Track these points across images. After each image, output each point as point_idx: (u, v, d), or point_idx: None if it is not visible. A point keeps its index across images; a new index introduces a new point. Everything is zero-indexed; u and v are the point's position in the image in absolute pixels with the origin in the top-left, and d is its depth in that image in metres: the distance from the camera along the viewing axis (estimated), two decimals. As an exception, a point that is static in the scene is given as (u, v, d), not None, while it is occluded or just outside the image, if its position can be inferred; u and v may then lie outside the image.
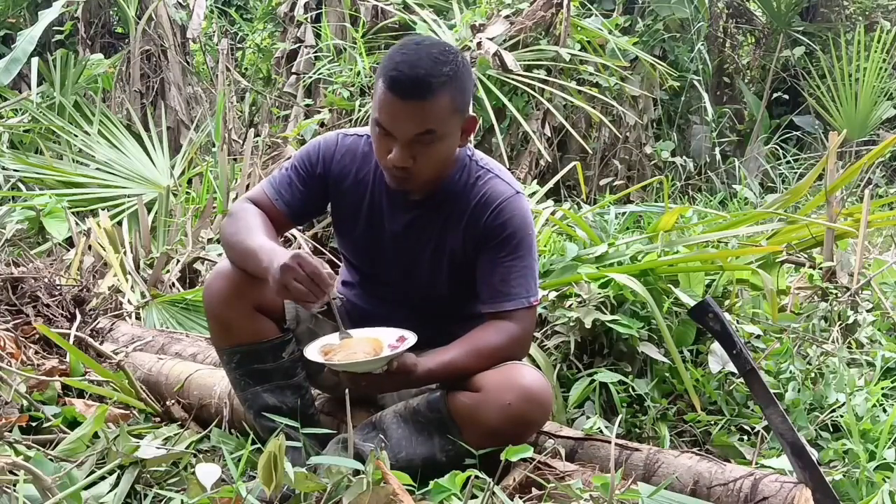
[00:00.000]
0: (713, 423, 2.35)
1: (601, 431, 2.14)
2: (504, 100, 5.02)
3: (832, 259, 3.16)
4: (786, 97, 7.38)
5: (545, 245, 2.99)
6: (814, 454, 1.97)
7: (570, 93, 5.41)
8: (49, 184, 4.51)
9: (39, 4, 6.23)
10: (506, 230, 1.94)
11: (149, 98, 5.89)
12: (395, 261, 2.04)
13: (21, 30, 5.80)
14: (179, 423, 2.31)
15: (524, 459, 1.79)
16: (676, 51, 6.77)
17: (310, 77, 5.60)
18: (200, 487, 1.60)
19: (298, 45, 5.86)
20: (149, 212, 4.12)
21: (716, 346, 2.42)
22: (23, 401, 2.19)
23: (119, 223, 4.14)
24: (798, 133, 7.24)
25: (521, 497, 1.77)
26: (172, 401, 2.37)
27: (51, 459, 1.85)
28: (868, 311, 2.96)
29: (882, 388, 2.42)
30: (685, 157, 6.45)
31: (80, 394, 2.46)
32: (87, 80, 5.43)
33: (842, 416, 2.26)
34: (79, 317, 2.96)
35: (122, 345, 2.81)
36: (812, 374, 2.54)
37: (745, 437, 2.33)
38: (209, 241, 3.83)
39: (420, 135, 1.82)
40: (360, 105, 5.04)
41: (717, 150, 6.60)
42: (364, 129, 2.06)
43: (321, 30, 5.74)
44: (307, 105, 5.63)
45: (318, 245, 4.09)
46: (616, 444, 1.90)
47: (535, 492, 1.79)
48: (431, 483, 1.73)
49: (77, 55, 5.67)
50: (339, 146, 2.04)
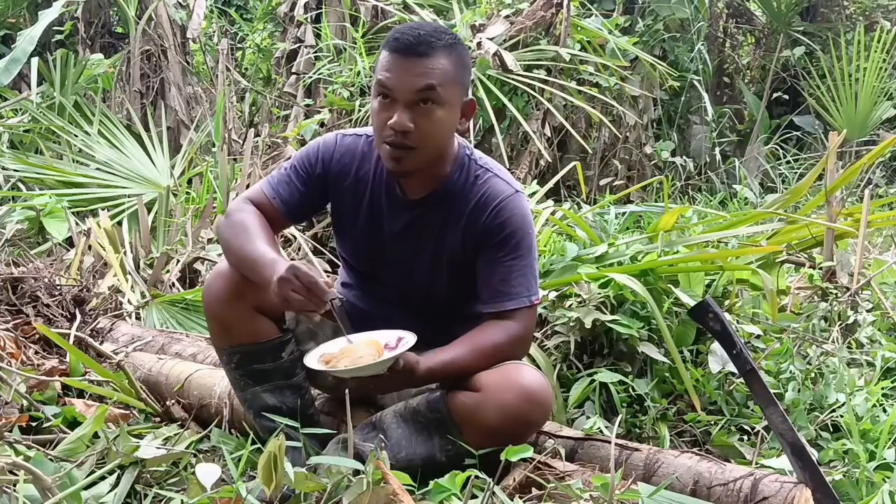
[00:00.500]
0: (713, 423, 2.35)
1: (601, 431, 2.14)
2: (504, 100, 5.03)
3: (832, 259, 3.16)
4: (786, 97, 7.38)
5: (545, 245, 2.99)
6: (814, 454, 1.97)
7: (570, 93, 5.41)
8: (49, 184, 4.50)
9: (39, 4, 6.22)
10: (505, 229, 1.94)
11: (149, 98, 5.89)
12: (395, 261, 2.04)
13: (21, 30, 5.80)
14: (179, 423, 2.31)
15: (524, 459, 1.78)
16: (676, 51, 6.77)
17: (310, 77, 5.60)
18: (200, 487, 1.60)
19: (298, 45, 5.86)
20: (149, 212, 4.12)
21: (716, 346, 2.42)
22: (23, 401, 2.19)
23: (119, 223, 4.14)
24: (798, 133, 7.24)
25: (521, 497, 1.77)
26: (172, 401, 2.37)
27: (51, 459, 1.85)
28: (868, 311, 2.96)
29: (882, 388, 2.42)
30: (685, 157, 6.45)
31: (80, 394, 2.46)
32: (87, 80, 5.43)
33: (842, 416, 2.26)
34: (79, 317, 2.96)
35: (122, 345, 2.81)
36: (812, 374, 2.54)
37: (745, 437, 2.33)
38: (209, 241, 3.82)
39: (421, 91, 1.83)
40: (360, 105, 5.04)
41: (717, 150, 6.60)
42: (363, 130, 2.06)
43: (321, 30, 5.74)
44: (307, 105, 5.63)
45: (318, 245, 4.09)
46: (616, 444, 1.90)
47: (535, 492, 1.79)
48: (431, 483, 1.73)
49: (77, 55, 5.67)
50: (339, 146, 2.04)
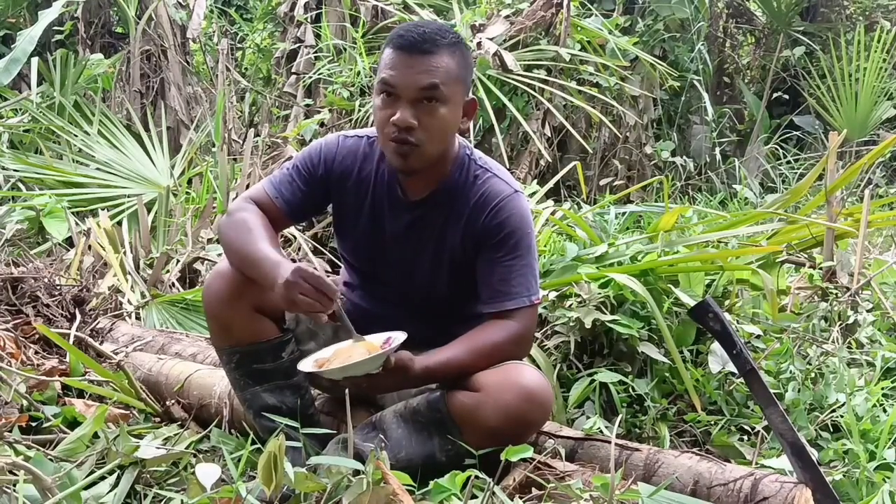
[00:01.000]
0: (713, 423, 2.35)
1: (601, 431, 2.14)
2: (504, 100, 5.03)
3: (832, 259, 3.16)
4: (786, 97, 7.38)
5: (545, 245, 2.99)
6: (814, 454, 1.97)
7: (570, 93, 5.41)
8: (49, 184, 4.50)
9: (39, 4, 6.22)
10: (504, 229, 1.94)
11: (149, 98, 5.89)
12: (396, 261, 2.04)
13: (21, 30, 5.79)
14: (179, 423, 2.31)
15: (524, 459, 1.78)
16: (676, 51, 6.77)
17: (310, 77, 5.60)
18: (200, 487, 1.60)
19: (298, 45, 5.86)
20: (149, 212, 4.12)
21: (716, 346, 2.42)
22: (23, 401, 2.19)
23: (119, 223, 4.14)
24: (798, 133, 7.24)
25: (521, 497, 1.77)
26: (172, 401, 2.37)
27: (51, 459, 1.85)
28: (868, 311, 2.95)
29: (882, 388, 2.42)
30: (685, 157, 6.45)
31: (80, 394, 2.46)
32: (87, 80, 5.42)
33: (842, 416, 2.26)
34: (79, 317, 2.96)
35: (122, 345, 2.81)
36: (812, 374, 2.54)
37: (745, 437, 2.33)
38: (209, 241, 3.82)
39: (425, 89, 1.84)
40: (360, 105, 5.04)
41: (717, 150, 6.60)
42: (365, 131, 2.07)
43: (321, 30, 5.74)
44: (307, 105, 5.63)
45: (318, 245, 4.09)
46: (616, 444, 1.90)
47: (535, 492, 1.79)
48: (431, 483, 1.73)
49: (77, 55, 5.66)
50: (341, 147, 2.04)
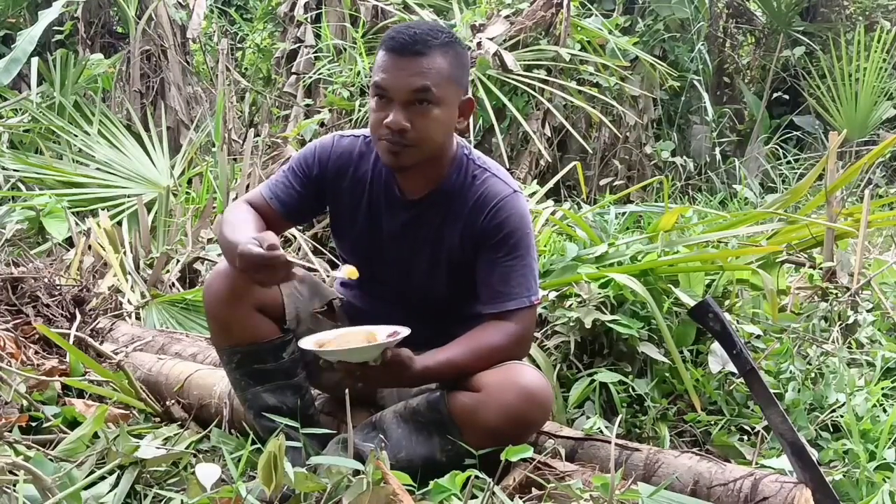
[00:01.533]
0: (713, 423, 2.34)
1: (601, 431, 2.14)
2: (504, 100, 5.02)
3: (832, 259, 3.16)
4: (786, 97, 7.38)
5: (545, 245, 2.99)
6: (814, 454, 1.97)
7: (570, 93, 5.41)
8: (49, 184, 4.50)
9: (39, 4, 6.22)
10: (503, 229, 1.94)
11: (149, 98, 5.89)
12: (393, 261, 2.04)
13: (21, 30, 5.79)
14: (179, 423, 2.31)
15: (524, 459, 1.78)
16: (676, 51, 6.77)
17: (310, 77, 5.60)
18: (200, 487, 1.60)
19: (298, 45, 5.85)
20: (149, 212, 4.12)
21: (716, 346, 2.42)
22: (23, 401, 2.19)
23: (119, 223, 4.14)
24: (798, 133, 7.24)
25: (521, 497, 1.77)
26: (172, 401, 2.37)
27: (51, 459, 1.85)
28: (868, 311, 2.95)
29: (882, 388, 2.42)
30: (685, 157, 6.44)
31: (80, 394, 2.46)
32: (87, 80, 5.42)
33: (842, 416, 2.26)
34: (79, 317, 2.96)
35: (122, 345, 2.81)
36: (812, 374, 2.54)
37: (745, 437, 2.33)
38: (209, 241, 3.82)
39: (416, 91, 1.83)
40: (360, 105, 5.04)
41: (717, 150, 6.60)
42: (361, 131, 2.07)
43: (321, 30, 5.74)
44: (307, 105, 5.63)
45: (318, 245, 4.09)
46: (616, 444, 1.90)
47: (535, 492, 1.79)
48: (431, 483, 1.73)
49: (77, 55, 5.66)
50: (336, 147, 2.04)
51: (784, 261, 3.22)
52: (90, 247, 3.63)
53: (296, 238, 3.96)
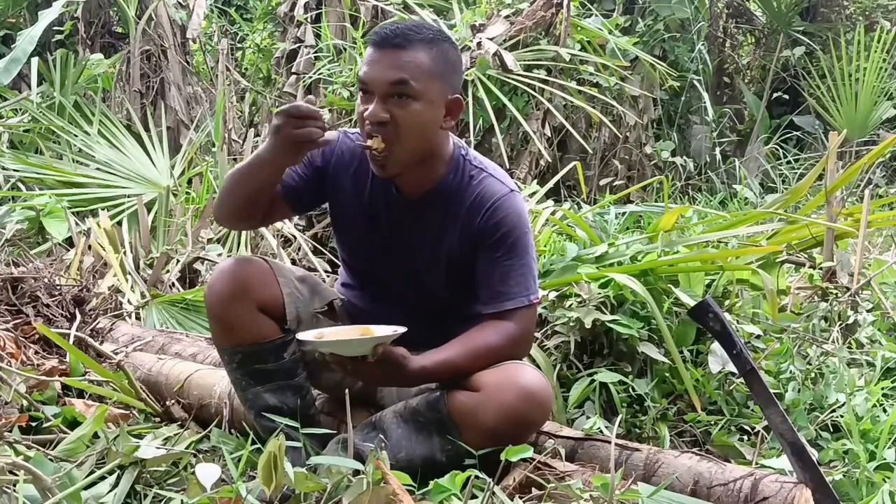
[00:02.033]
0: (713, 423, 2.34)
1: (601, 431, 2.14)
2: (504, 100, 5.03)
3: (832, 259, 3.16)
4: (786, 97, 7.38)
5: (545, 245, 2.99)
6: (814, 454, 1.97)
7: (570, 93, 5.41)
8: (49, 184, 4.50)
9: (39, 4, 6.22)
10: (501, 229, 1.93)
11: (149, 98, 5.88)
12: (392, 261, 2.04)
13: (21, 30, 5.79)
14: (179, 423, 2.31)
15: (524, 459, 1.78)
16: (676, 51, 6.77)
17: (310, 77, 5.60)
18: (200, 487, 1.60)
19: (298, 45, 5.86)
20: (149, 212, 4.12)
21: (716, 346, 2.42)
22: (23, 401, 2.19)
23: (119, 223, 4.14)
24: (798, 133, 7.24)
25: (521, 497, 1.77)
26: (172, 401, 2.37)
27: (51, 459, 1.85)
28: (868, 311, 2.95)
29: (882, 388, 2.42)
30: (685, 157, 6.45)
31: (80, 394, 2.46)
32: (87, 80, 5.42)
33: (842, 416, 2.26)
34: (79, 317, 2.96)
35: (122, 345, 2.81)
36: (812, 374, 2.54)
37: (745, 437, 2.33)
38: (209, 241, 3.83)
39: (394, 84, 1.83)
40: (360, 105, 5.03)
41: (717, 150, 6.60)
42: None
43: (321, 30, 5.74)
44: (307, 105, 5.62)
45: (318, 245, 4.09)
46: (616, 444, 1.90)
47: (535, 492, 1.79)
48: (431, 483, 1.73)
49: (77, 55, 5.66)
50: (340, 143, 2.04)
51: (784, 261, 3.22)
52: (90, 247, 3.63)
53: (296, 238, 3.96)
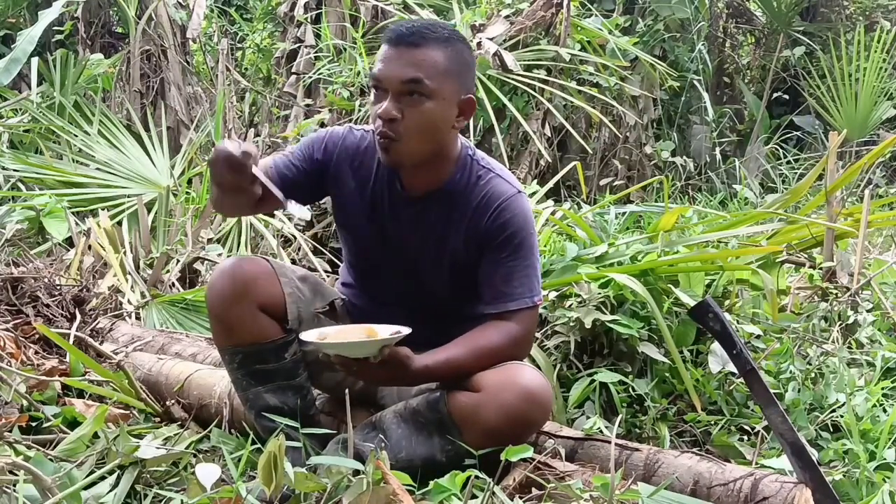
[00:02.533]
0: (713, 423, 2.35)
1: (601, 431, 2.14)
2: (504, 100, 5.03)
3: (832, 259, 3.16)
4: (786, 97, 7.38)
5: (545, 245, 2.99)
6: (814, 454, 1.97)
7: (570, 93, 5.41)
8: (49, 184, 4.50)
9: (39, 4, 6.22)
10: (507, 230, 1.94)
11: (149, 98, 5.89)
12: (396, 259, 2.04)
13: (21, 30, 5.79)
14: (179, 423, 2.31)
15: (524, 459, 1.78)
16: (676, 51, 6.77)
17: (310, 77, 5.60)
18: (200, 487, 1.60)
19: (298, 45, 5.85)
20: (149, 212, 4.12)
21: (716, 346, 2.42)
22: (23, 401, 2.19)
23: (119, 223, 4.13)
24: (798, 133, 7.24)
25: (521, 497, 1.77)
26: (172, 401, 2.37)
27: (51, 459, 1.85)
28: (868, 311, 2.95)
29: (882, 388, 2.42)
30: (685, 157, 6.45)
31: (80, 394, 2.46)
32: (87, 80, 5.42)
33: (842, 416, 2.26)
34: (79, 317, 2.96)
35: (122, 345, 2.81)
36: (812, 374, 2.54)
37: (745, 437, 2.33)
38: (209, 241, 3.82)
39: (407, 82, 1.83)
40: (360, 105, 5.04)
41: (717, 150, 6.61)
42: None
43: (321, 30, 5.74)
44: (307, 105, 5.63)
45: (318, 245, 4.09)
46: (616, 444, 1.90)
47: (535, 492, 1.79)
48: (431, 483, 1.73)
49: (77, 55, 5.66)
50: (346, 138, 2.04)
51: (784, 261, 3.22)
52: (90, 247, 3.62)
53: (296, 238, 3.96)
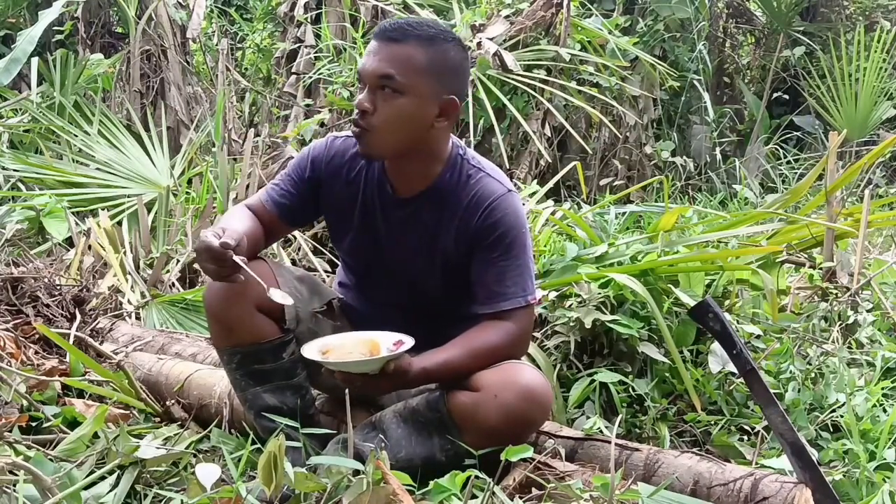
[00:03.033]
0: (713, 423, 2.35)
1: (601, 431, 2.14)
2: (504, 100, 5.02)
3: (832, 259, 3.16)
4: (786, 97, 7.38)
5: (545, 245, 2.99)
6: (814, 454, 1.97)
7: (570, 93, 5.41)
8: (49, 184, 4.50)
9: (39, 4, 6.22)
10: (498, 229, 1.93)
11: (149, 98, 5.88)
12: (389, 260, 2.05)
13: (21, 30, 5.79)
14: (179, 423, 2.31)
15: (524, 459, 1.78)
16: (676, 51, 6.77)
17: (310, 77, 5.60)
18: (200, 487, 1.60)
19: (298, 45, 5.86)
20: (149, 212, 4.12)
21: (716, 346, 2.42)
22: (23, 401, 2.19)
23: (119, 223, 4.14)
24: (798, 133, 7.24)
25: (521, 497, 1.77)
26: (172, 401, 2.37)
27: (51, 459, 1.85)
28: (868, 311, 2.95)
29: (882, 388, 2.42)
30: (685, 157, 6.44)
31: (80, 394, 2.46)
32: (87, 80, 5.42)
33: (842, 416, 2.26)
34: (79, 317, 2.96)
35: (122, 345, 2.81)
36: (812, 374, 2.54)
37: (745, 437, 2.33)
38: (209, 241, 3.82)
39: (381, 77, 1.85)
40: (360, 105, 5.03)
41: (718, 150, 6.60)
42: None
43: (321, 30, 5.74)
44: (307, 105, 5.63)
45: (318, 245, 4.09)
46: (616, 444, 1.90)
47: (535, 492, 1.79)
48: (431, 483, 1.73)
49: (77, 55, 5.66)
50: (329, 149, 2.06)
51: (784, 261, 3.22)
52: (90, 247, 3.62)
53: (296, 238, 3.96)
